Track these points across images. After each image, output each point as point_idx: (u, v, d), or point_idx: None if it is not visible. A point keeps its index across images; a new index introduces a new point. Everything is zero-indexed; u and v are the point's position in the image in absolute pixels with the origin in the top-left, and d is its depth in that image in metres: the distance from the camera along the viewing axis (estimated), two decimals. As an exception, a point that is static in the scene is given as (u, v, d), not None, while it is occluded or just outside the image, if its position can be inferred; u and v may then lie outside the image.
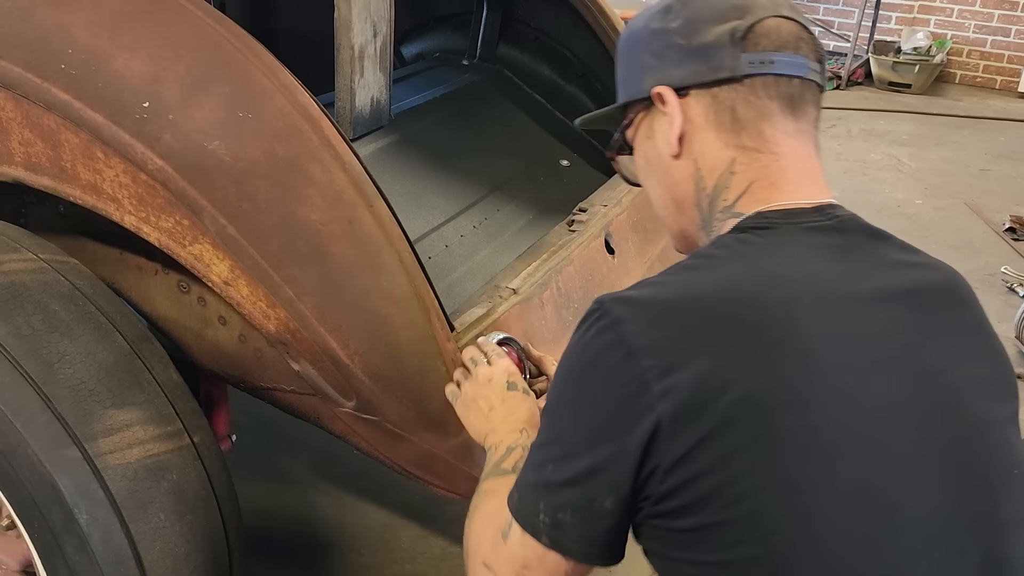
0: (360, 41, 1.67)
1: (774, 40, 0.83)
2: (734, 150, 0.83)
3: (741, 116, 0.83)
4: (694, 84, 0.84)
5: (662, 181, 0.91)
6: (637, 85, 0.90)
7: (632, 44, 0.91)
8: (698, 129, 0.85)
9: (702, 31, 0.84)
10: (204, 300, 1.28)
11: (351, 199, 1.14)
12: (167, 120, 1.09)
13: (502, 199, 1.92)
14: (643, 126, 0.92)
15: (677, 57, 0.85)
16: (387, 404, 1.18)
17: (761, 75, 0.82)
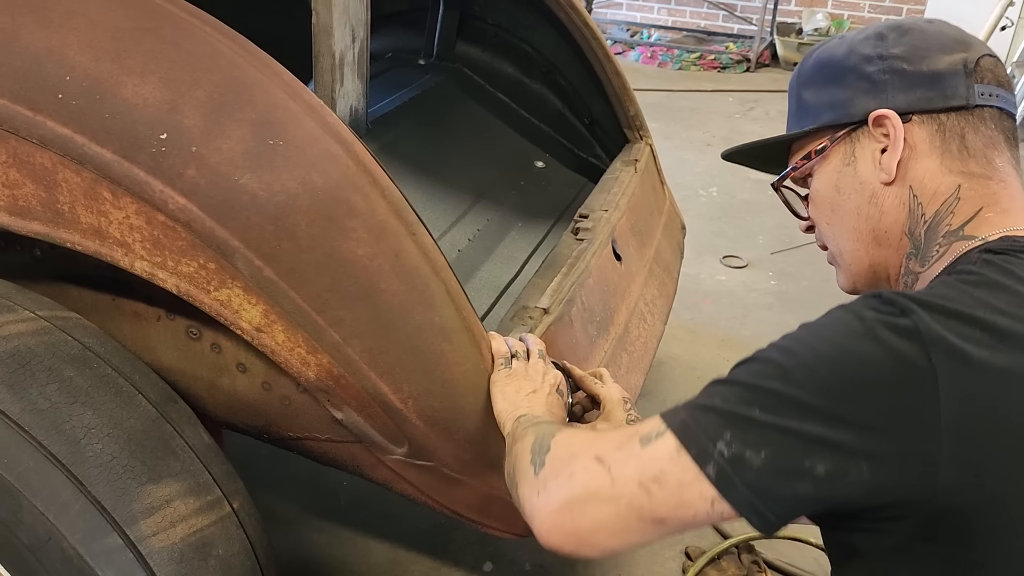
0: (340, 47, 1.55)
1: (996, 76, 0.84)
2: (959, 176, 0.82)
3: (970, 144, 0.82)
4: (922, 110, 0.83)
5: (861, 211, 0.87)
6: (841, 110, 0.86)
7: (827, 70, 0.88)
8: (920, 155, 0.83)
9: (933, 58, 0.83)
10: (219, 346, 1.15)
11: (395, 229, 1.04)
12: (190, 153, 0.96)
13: (488, 207, 1.84)
14: (839, 153, 0.88)
15: (902, 82, 0.83)
16: (443, 448, 1.09)
17: (990, 107, 0.82)
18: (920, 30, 0.86)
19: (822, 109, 0.88)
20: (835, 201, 0.89)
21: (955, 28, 0.87)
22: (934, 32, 0.85)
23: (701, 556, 1.69)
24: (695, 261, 2.96)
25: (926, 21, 0.88)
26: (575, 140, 2.18)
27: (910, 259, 0.85)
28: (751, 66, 5.60)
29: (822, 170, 0.90)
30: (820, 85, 0.89)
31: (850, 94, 0.86)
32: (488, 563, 1.72)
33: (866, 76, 0.85)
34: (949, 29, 0.86)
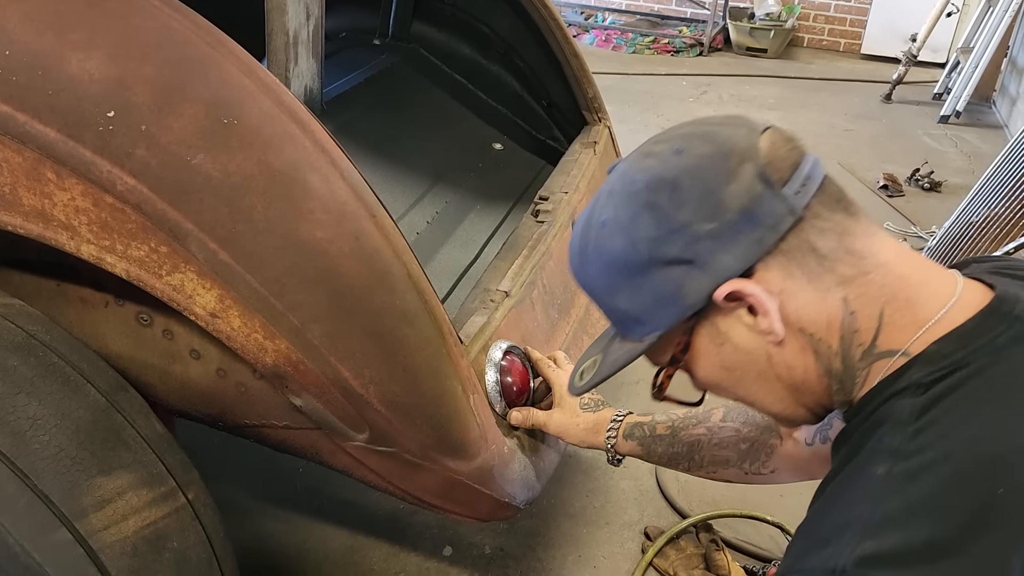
0: (294, 25, 1.51)
1: (787, 157, 0.71)
2: (838, 290, 0.70)
3: (824, 250, 0.69)
4: (759, 255, 0.69)
5: (765, 376, 0.75)
6: (678, 306, 0.73)
7: (628, 271, 0.74)
8: (789, 296, 0.70)
9: (728, 198, 0.69)
10: (171, 333, 1.11)
11: (355, 211, 1.02)
12: (139, 132, 0.92)
13: (446, 189, 1.82)
14: (703, 337, 0.76)
15: (718, 243, 0.69)
16: (405, 433, 1.08)
17: (811, 198, 0.69)
18: (686, 172, 0.71)
19: (656, 310, 0.74)
20: (732, 379, 0.77)
21: (708, 138, 0.73)
22: (699, 163, 0.71)
23: (660, 536, 1.70)
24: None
25: (674, 152, 0.72)
26: (533, 122, 2.17)
27: (836, 395, 0.74)
28: (704, 50, 5.63)
29: (697, 361, 0.78)
30: (629, 289, 0.74)
31: (675, 285, 0.72)
32: (448, 547, 1.71)
33: (673, 259, 0.71)
34: (704, 145, 0.72)
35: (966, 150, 4.12)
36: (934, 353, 0.66)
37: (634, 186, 0.73)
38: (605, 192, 0.76)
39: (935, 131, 4.36)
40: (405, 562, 1.68)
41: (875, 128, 4.40)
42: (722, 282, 0.70)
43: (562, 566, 1.68)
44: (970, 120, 4.47)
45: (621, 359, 0.78)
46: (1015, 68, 4.44)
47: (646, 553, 1.68)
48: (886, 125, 4.45)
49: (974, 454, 0.60)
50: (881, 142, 4.19)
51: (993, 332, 0.65)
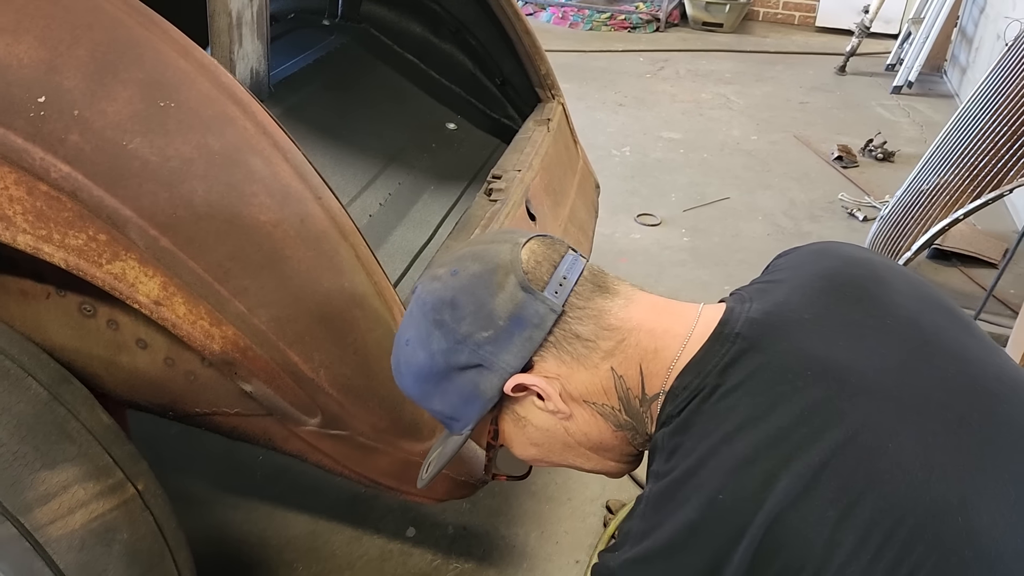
0: (237, 6, 1.48)
1: (543, 262, 0.83)
2: (605, 362, 0.81)
3: (585, 334, 0.81)
4: (533, 351, 0.81)
5: (569, 445, 0.87)
6: (478, 403, 0.83)
7: (430, 379, 0.84)
8: (567, 378, 0.82)
9: (497, 310, 0.81)
10: (116, 323, 1.09)
11: (299, 193, 1.01)
12: (72, 117, 0.90)
13: (400, 171, 1.80)
14: (508, 423, 0.87)
15: (497, 347, 0.81)
16: (358, 416, 1.07)
17: (569, 293, 0.82)
18: (462, 292, 0.82)
19: (463, 408, 0.85)
20: (544, 451, 0.88)
21: (477, 258, 0.84)
22: (470, 282, 0.82)
23: (622, 508, 1.72)
24: (610, 220, 2.98)
25: (450, 275, 0.84)
26: (487, 101, 2.15)
27: (634, 440, 0.85)
28: (661, 26, 5.63)
29: (510, 442, 0.89)
30: (439, 394, 0.85)
31: (471, 386, 0.83)
32: (411, 528, 1.71)
33: (467, 365, 0.82)
34: (473, 264, 0.83)
35: (918, 120, 4.18)
36: (677, 387, 0.78)
37: (424, 307, 0.84)
38: (407, 314, 0.87)
39: (888, 102, 4.42)
40: (368, 545, 1.68)
41: (830, 100, 4.44)
42: (507, 378, 0.81)
43: (525, 543, 1.69)
44: (922, 90, 4.53)
45: (449, 451, 0.89)
46: (964, 38, 4.50)
47: (608, 526, 1.69)
48: (840, 97, 4.50)
49: (709, 467, 0.72)
50: (835, 114, 4.24)
51: (718, 355, 0.76)
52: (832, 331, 0.76)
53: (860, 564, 0.65)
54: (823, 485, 0.67)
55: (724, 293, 0.90)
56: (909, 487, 0.66)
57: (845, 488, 0.67)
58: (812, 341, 0.75)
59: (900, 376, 0.73)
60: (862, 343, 0.75)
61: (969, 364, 0.76)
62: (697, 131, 3.94)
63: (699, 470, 0.72)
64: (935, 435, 0.69)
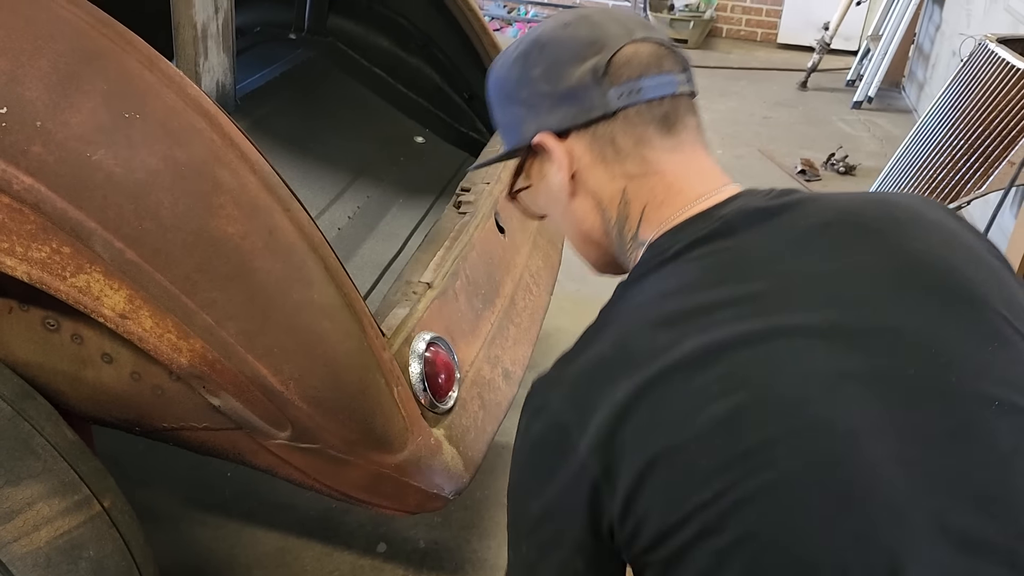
0: (203, 18, 1.47)
1: (636, 67, 0.82)
2: (622, 180, 0.84)
3: (621, 147, 0.83)
4: (571, 127, 0.84)
5: (565, 217, 0.91)
6: (517, 134, 0.88)
7: (501, 93, 0.90)
8: (587, 166, 0.85)
9: (565, 75, 0.83)
10: (80, 337, 1.08)
11: (267, 205, 1.00)
12: (34, 128, 0.89)
13: (368, 184, 1.80)
14: (535, 169, 0.91)
15: (548, 104, 0.84)
16: (328, 429, 1.06)
17: (632, 104, 0.82)
18: (556, 41, 0.85)
19: (509, 131, 0.90)
20: (547, 209, 0.93)
21: (592, 25, 0.85)
22: (568, 40, 0.84)
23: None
24: (578, 234, 2.99)
25: (563, 25, 0.86)
26: (455, 114, 2.16)
27: (620, 257, 0.88)
28: (626, 42, 5.69)
29: (532, 184, 0.93)
30: (500, 109, 0.91)
31: (518, 118, 0.87)
32: (382, 543, 1.70)
33: (523, 101, 0.86)
34: (584, 30, 0.85)
35: (878, 134, 4.27)
36: (652, 246, 0.81)
37: (530, 35, 0.88)
38: (518, 41, 0.91)
39: (849, 116, 4.50)
40: (339, 561, 1.66)
41: (792, 115, 4.52)
42: (538, 132, 0.85)
43: (497, 555, 1.68)
44: (882, 105, 4.63)
45: (496, 157, 0.96)
46: (921, 54, 4.61)
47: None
48: (803, 112, 4.58)
49: (633, 316, 0.76)
50: (798, 128, 4.31)
51: (691, 228, 0.79)
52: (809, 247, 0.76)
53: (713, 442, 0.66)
54: (718, 365, 0.68)
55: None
56: (778, 400, 0.66)
57: (732, 376, 0.67)
58: (779, 247, 0.76)
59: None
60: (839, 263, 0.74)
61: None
62: (663, 145, 3.98)
63: (625, 315, 0.76)
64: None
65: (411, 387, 1.17)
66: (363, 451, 1.10)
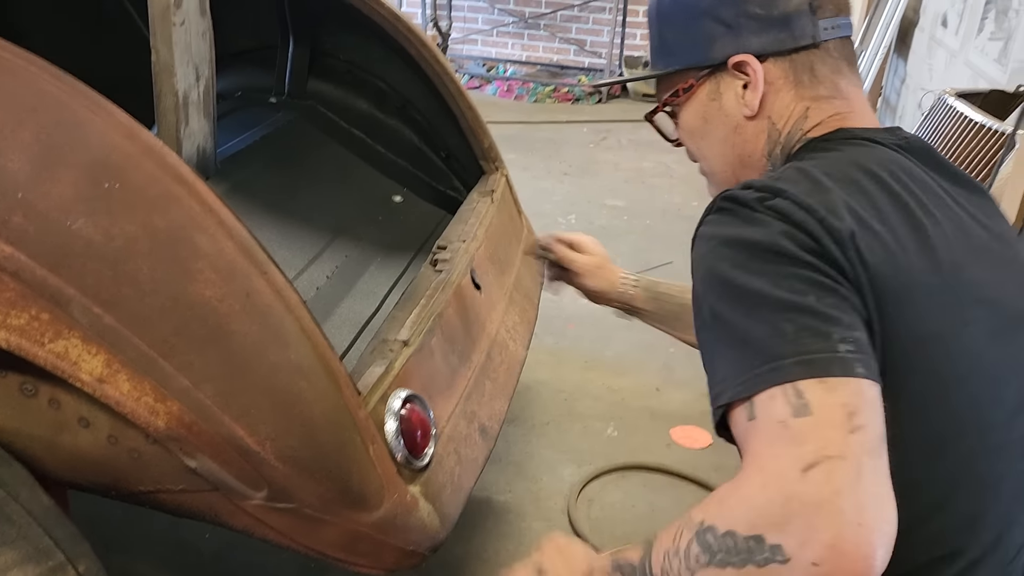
0: (184, 86, 1.51)
1: (837, 5, 0.92)
2: (809, 101, 0.92)
3: (819, 74, 0.91)
4: (776, 51, 0.91)
5: (727, 140, 0.96)
6: (704, 50, 0.93)
7: (689, 11, 0.94)
8: (776, 90, 0.92)
9: (781, 2, 0.90)
10: (58, 402, 1.09)
11: (244, 269, 1.03)
12: (15, 199, 0.91)
13: (347, 243, 1.83)
14: (705, 90, 0.95)
15: (756, 26, 0.90)
16: (305, 488, 1.07)
17: (835, 38, 0.92)
18: None
19: (684, 50, 0.95)
20: (704, 130, 0.97)
21: None
22: None
23: None
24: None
25: None
26: (432, 173, 2.20)
27: (771, 172, 0.93)
28: (603, 97, 5.82)
29: (690, 104, 0.97)
30: (680, 25, 0.95)
31: (709, 37, 0.92)
32: (362, 604, 1.68)
33: (723, 20, 0.91)
34: None
35: (849, 185, 4.36)
36: (841, 129, 0.91)
37: None
38: None
39: (820, 168, 4.60)
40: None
41: (765, 167, 4.61)
42: (741, 52, 0.91)
43: (478, 613, 1.68)
44: (851, 156, 4.74)
45: (640, 74, 1.02)
46: (888, 106, 4.74)
47: None
48: (775, 164, 4.67)
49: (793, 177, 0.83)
50: (771, 180, 4.39)
51: (833, 139, 0.90)
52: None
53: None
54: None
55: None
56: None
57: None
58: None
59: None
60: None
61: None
62: (640, 198, 4.05)
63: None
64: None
65: (387, 445, 1.18)
66: (339, 510, 1.11)
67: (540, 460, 2.11)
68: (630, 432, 2.25)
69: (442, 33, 5.84)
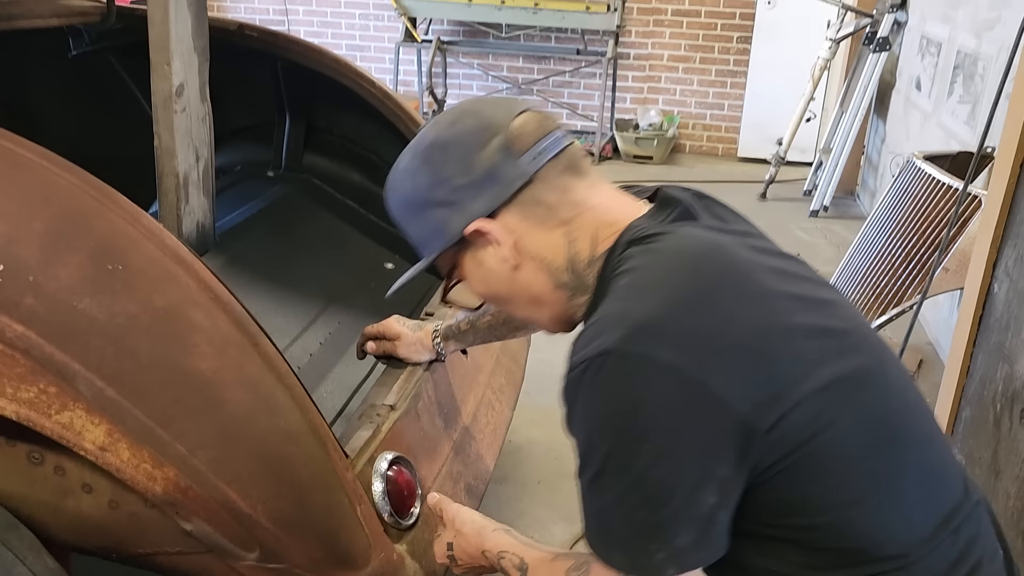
0: (184, 168, 1.61)
1: (531, 134, 0.95)
2: (561, 228, 0.95)
3: (549, 202, 0.95)
4: (499, 204, 0.94)
5: (513, 291, 1.00)
6: (444, 234, 0.96)
7: (413, 206, 0.99)
8: (524, 233, 0.95)
9: (477, 162, 0.94)
10: (63, 469, 1.16)
11: (237, 341, 1.10)
12: (27, 282, 1.00)
13: (340, 311, 1.91)
14: (467, 261, 1.00)
15: (470, 193, 0.94)
16: (294, 548, 1.13)
17: (543, 165, 0.94)
18: (455, 139, 0.95)
19: (431, 239, 0.99)
20: (493, 292, 1.02)
21: (475, 114, 0.96)
22: (465, 133, 0.95)
23: None
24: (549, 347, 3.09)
25: (450, 124, 0.96)
26: (424, 243, 2.29)
27: (573, 298, 0.97)
28: (595, 160, 5.97)
29: (468, 278, 1.02)
30: (415, 221, 0.99)
31: (442, 220, 0.95)
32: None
33: (442, 203, 0.95)
34: (472, 120, 0.96)
35: (834, 240, 4.46)
36: (620, 241, 0.93)
37: (421, 144, 0.98)
38: (410, 144, 1.00)
39: (806, 224, 4.71)
40: None
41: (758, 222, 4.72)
42: (470, 222, 0.94)
43: (469, 672, 1.70)
44: (837, 213, 4.86)
45: (416, 268, 1.05)
46: (871, 165, 4.88)
47: None
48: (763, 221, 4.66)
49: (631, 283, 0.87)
50: (760, 237, 4.49)
51: (663, 215, 0.94)
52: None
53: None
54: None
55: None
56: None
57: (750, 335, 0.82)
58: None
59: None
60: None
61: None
62: (631, 258, 4.14)
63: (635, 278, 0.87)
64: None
65: (374, 505, 1.24)
66: (328, 569, 1.16)
67: (531, 518, 2.15)
68: (619, 489, 2.30)
69: (438, 101, 6.02)
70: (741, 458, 0.80)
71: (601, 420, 0.83)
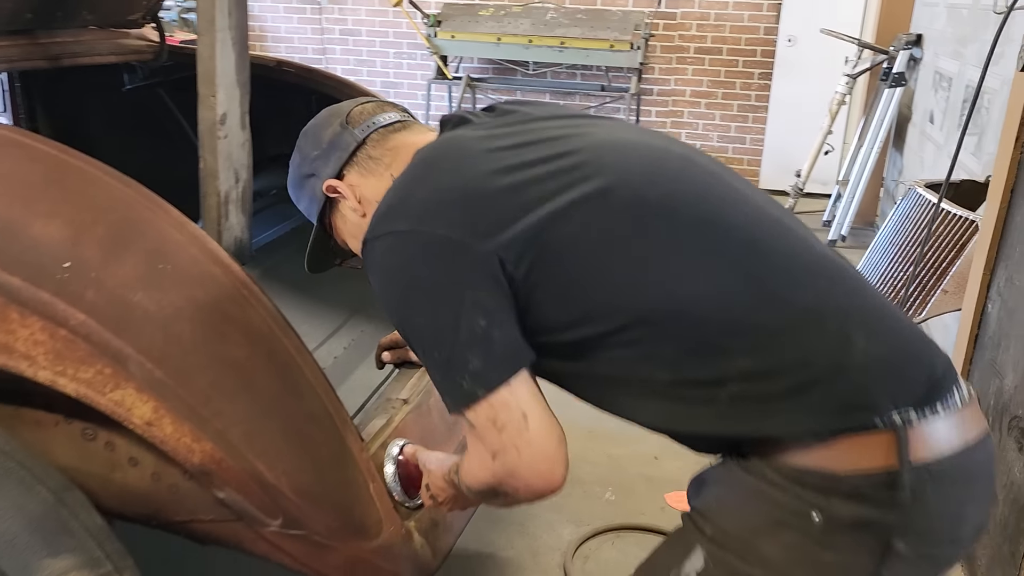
0: (225, 188, 1.79)
1: (367, 113, 1.20)
2: (387, 170, 1.16)
3: (378, 156, 1.17)
4: (342, 166, 1.17)
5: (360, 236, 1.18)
6: (315, 201, 1.20)
7: (295, 183, 1.24)
8: (362, 185, 1.17)
9: (323, 136, 1.19)
10: (112, 444, 1.32)
11: (268, 332, 1.26)
12: (90, 278, 1.17)
13: (362, 320, 2.07)
14: (336, 221, 1.22)
15: (322, 161, 1.18)
16: (314, 517, 1.28)
17: (373, 131, 1.18)
18: (313, 126, 1.21)
19: (310, 206, 1.22)
20: (357, 241, 1.16)
21: (332, 108, 1.21)
22: (320, 121, 1.21)
23: None
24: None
25: (315, 119, 1.22)
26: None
27: None
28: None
29: (339, 232, 1.24)
30: (299, 195, 1.24)
31: (311, 188, 1.20)
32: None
33: (309, 174, 1.20)
34: (326, 112, 1.21)
35: (852, 269, 4.54)
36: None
37: (299, 137, 1.24)
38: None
39: (825, 254, 4.79)
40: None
41: (773, 254, 4.81)
42: (324, 183, 1.17)
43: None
44: (856, 242, 4.94)
45: (312, 235, 1.27)
46: (888, 195, 4.96)
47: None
48: (783, 250, 4.87)
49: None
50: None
51: (476, 112, 1.17)
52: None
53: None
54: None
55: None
56: None
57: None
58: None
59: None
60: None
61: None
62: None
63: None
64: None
65: (386, 484, 1.39)
66: (343, 537, 1.30)
67: (541, 521, 2.27)
68: (627, 496, 2.41)
69: (467, 133, 6.23)
70: (494, 279, 0.96)
71: (385, 297, 1.03)
